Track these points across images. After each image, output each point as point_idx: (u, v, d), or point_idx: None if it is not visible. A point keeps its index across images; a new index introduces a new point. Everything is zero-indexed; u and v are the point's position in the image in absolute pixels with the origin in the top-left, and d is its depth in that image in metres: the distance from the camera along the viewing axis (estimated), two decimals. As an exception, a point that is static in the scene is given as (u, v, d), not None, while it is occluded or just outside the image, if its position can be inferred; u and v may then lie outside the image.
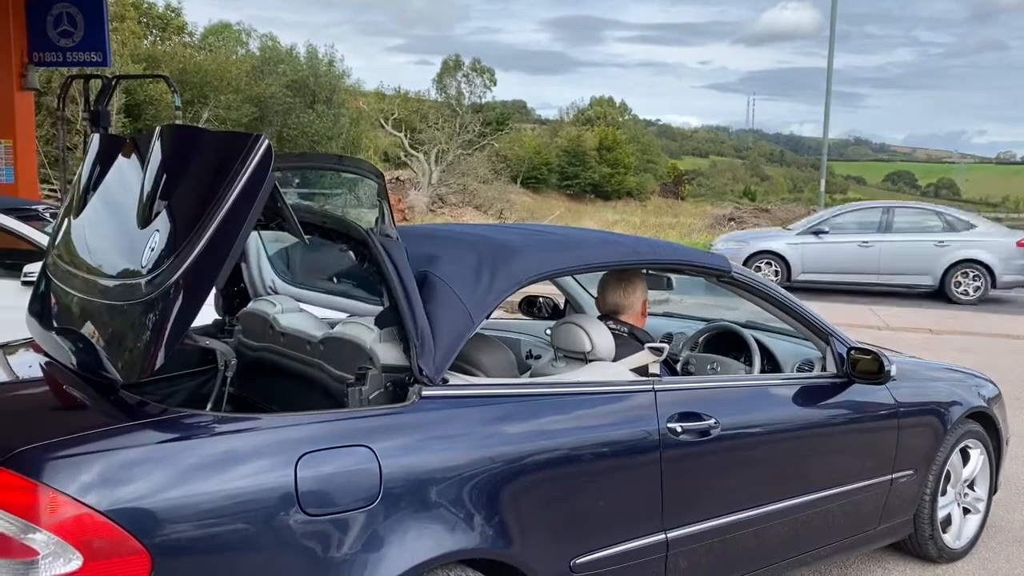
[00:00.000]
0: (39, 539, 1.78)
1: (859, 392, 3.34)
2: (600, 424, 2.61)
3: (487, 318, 2.58)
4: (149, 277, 2.11)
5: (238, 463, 1.97)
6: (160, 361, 2.00)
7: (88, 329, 2.32)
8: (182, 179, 2.25)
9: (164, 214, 2.20)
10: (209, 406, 2.67)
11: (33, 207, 6.20)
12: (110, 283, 2.25)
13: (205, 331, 3.10)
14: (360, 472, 2.10)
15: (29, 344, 2.84)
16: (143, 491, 1.85)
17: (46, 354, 2.62)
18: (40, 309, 2.67)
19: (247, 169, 2.07)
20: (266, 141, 2.11)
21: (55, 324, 2.54)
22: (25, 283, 5.19)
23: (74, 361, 2.33)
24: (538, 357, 3.77)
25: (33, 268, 5.22)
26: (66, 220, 2.70)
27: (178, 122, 10.03)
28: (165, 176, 2.29)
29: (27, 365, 2.68)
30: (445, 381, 2.38)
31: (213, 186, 2.10)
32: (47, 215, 6.01)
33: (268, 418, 2.10)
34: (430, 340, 2.31)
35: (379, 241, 2.32)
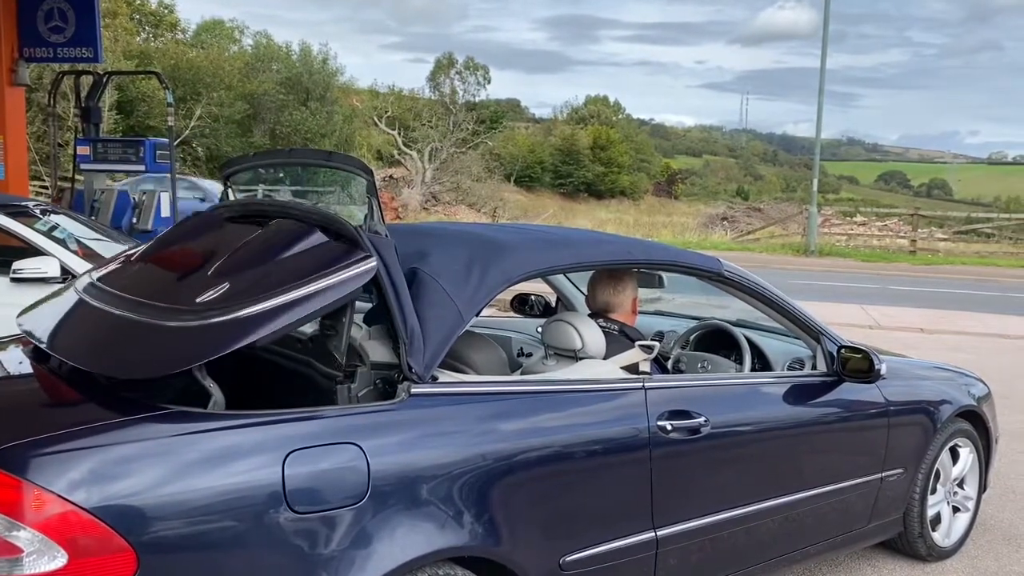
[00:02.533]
0: (23, 536, 1.76)
1: (849, 391, 3.35)
2: (590, 422, 2.61)
3: (477, 315, 2.58)
4: (196, 311, 2.14)
5: (225, 461, 1.96)
6: (161, 371, 2.04)
7: (105, 334, 2.32)
8: (278, 255, 2.33)
9: (245, 272, 2.27)
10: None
11: (23, 203, 6.18)
12: (151, 306, 2.26)
13: None
14: (348, 470, 2.09)
15: (18, 340, 2.82)
16: (129, 489, 1.84)
17: (36, 351, 2.60)
18: (51, 312, 2.66)
19: (343, 273, 2.19)
20: (373, 262, 2.21)
21: (65, 326, 2.53)
22: (15, 279, 5.16)
23: (77, 352, 2.31)
24: (529, 355, 3.77)
25: (23, 265, 5.19)
26: (133, 257, 2.77)
27: (170, 120, 9.99)
28: (263, 246, 2.39)
29: (16, 361, 2.67)
30: (435, 379, 2.37)
31: (302, 270, 2.21)
32: (37, 211, 5.98)
33: (256, 415, 2.09)
34: (419, 338, 2.30)
35: (368, 238, 2.31)
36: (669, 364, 3.65)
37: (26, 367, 2.58)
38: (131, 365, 2.14)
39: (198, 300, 2.19)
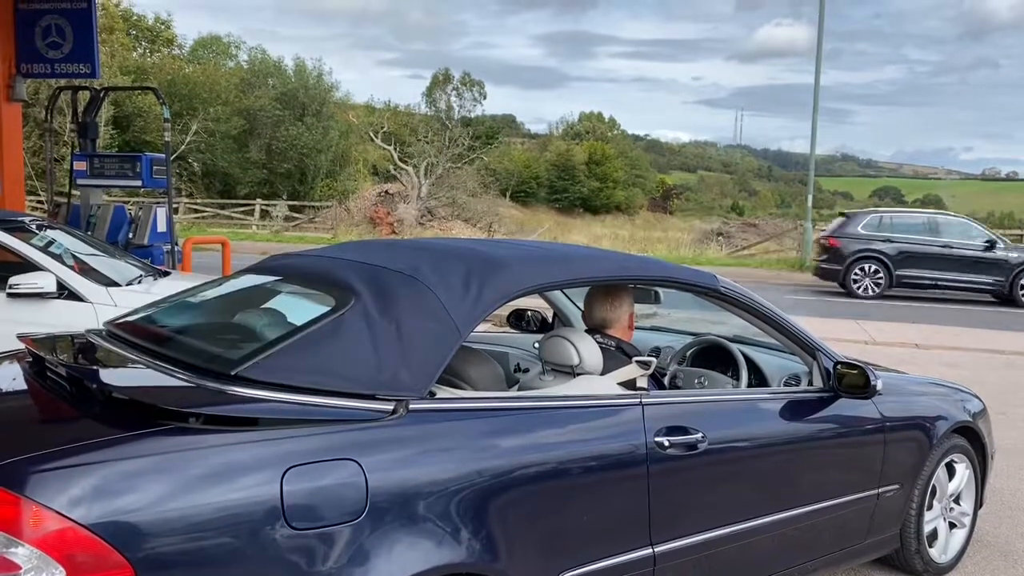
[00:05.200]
0: (21, 553, 1.76)
1: (846, 406, 3.35)
2: (588, 438, 2.61)
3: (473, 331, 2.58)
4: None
5: (224, 477, 1.96)
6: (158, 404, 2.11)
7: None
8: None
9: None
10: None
11: (19, 219, 6.18)
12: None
13: None
14: (346, 486, 2.09)
15: (14, 356, 2.82)
16: (127, 505, 1.84)
17: (36, 367, 2.60)
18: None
19: (352, 405, 2.26)
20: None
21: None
22: (11, 295, 5.15)
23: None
24: (526, 371, 3.77)
25: (19, 280, 5.18)
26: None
27: (166, 135, 10.01)
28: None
29: (11, 378, 2.66)
30: (432, 394, 2.38)
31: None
32: (33, 227, 5.98)
33: (254, 431, 2.09)
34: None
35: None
36: (666, 380, 3.66)
37: (25, 383, 2.58)
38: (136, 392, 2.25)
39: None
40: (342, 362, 2.31)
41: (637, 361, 2.95)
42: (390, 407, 2.26)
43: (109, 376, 2.49)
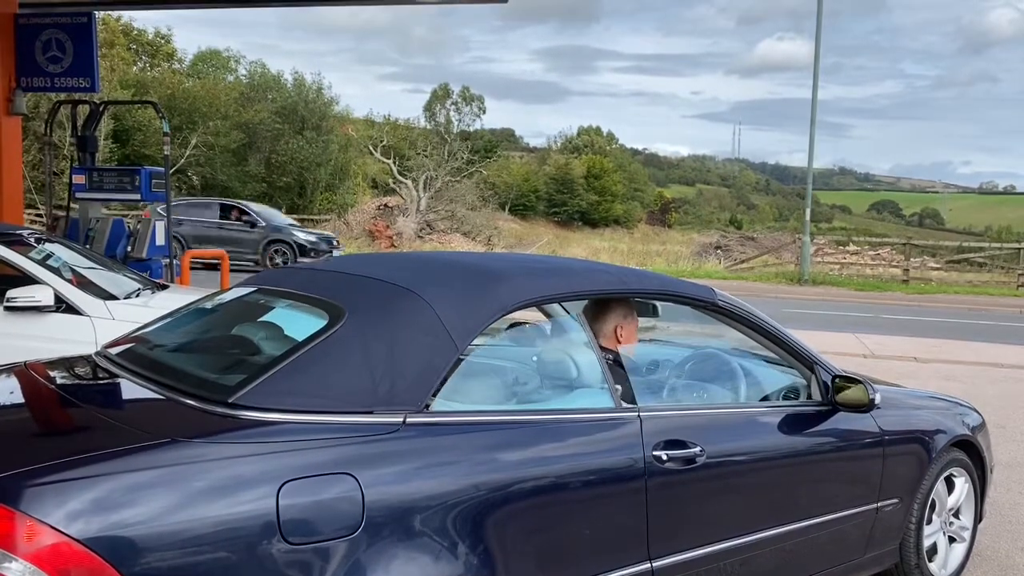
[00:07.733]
0: (15, 568, 1.75)
1: (844, 420, 3.35)
2: (585, 452, 2.60)
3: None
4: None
5: (219, 491, 1.95)
6: None
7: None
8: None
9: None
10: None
11: (18, 232, 6.17)
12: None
13: None
14: (343, 500, 2.08)
15: (11, 370, 2.82)
16: (122, 520, 1.83)
17: (34, 380, 2.59)
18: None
19: (355, 419, 2.29)
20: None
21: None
22: (8, 308, 5.15)
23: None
24: (524, 384, 3.76)
25: (17, 293, 5.18)
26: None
27: (166, 149, 10.03)
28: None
29: (8, 391, 2.66)
30: (429, 408, 2.37)
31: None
32: (31, 240, 5.98)
33: (250, 446, 2.08)
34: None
35: None
36: (664, 393, 3.65)
37: (22, 397, 2.57)
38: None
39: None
40: (338, 381, 2.31)
41: (635, 374, 2.94)
42: (387, 422, 2.25)
43: (110, 404, 2.49)
